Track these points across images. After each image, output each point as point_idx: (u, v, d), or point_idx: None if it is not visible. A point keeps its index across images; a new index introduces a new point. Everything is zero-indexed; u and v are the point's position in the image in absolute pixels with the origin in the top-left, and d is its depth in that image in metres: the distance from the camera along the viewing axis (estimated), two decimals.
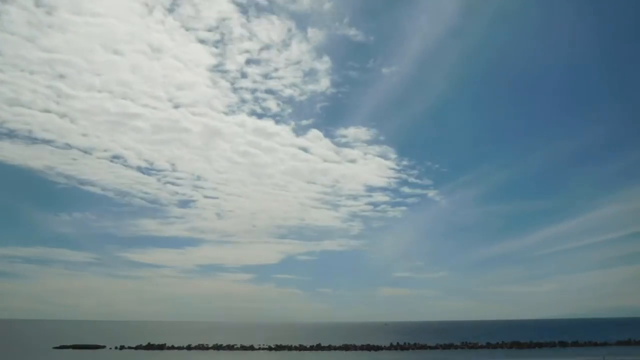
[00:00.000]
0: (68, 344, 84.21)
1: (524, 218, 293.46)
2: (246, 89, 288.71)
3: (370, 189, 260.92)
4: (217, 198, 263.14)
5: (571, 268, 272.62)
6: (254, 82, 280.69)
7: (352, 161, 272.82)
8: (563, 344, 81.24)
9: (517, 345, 79.48)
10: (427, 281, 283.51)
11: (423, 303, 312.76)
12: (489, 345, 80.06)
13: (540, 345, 79.42)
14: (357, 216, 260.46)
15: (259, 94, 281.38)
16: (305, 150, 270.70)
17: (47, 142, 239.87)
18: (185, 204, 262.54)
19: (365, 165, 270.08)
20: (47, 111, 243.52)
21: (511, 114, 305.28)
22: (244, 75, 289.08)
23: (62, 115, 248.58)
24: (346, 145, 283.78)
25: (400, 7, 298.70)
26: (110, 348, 79.65)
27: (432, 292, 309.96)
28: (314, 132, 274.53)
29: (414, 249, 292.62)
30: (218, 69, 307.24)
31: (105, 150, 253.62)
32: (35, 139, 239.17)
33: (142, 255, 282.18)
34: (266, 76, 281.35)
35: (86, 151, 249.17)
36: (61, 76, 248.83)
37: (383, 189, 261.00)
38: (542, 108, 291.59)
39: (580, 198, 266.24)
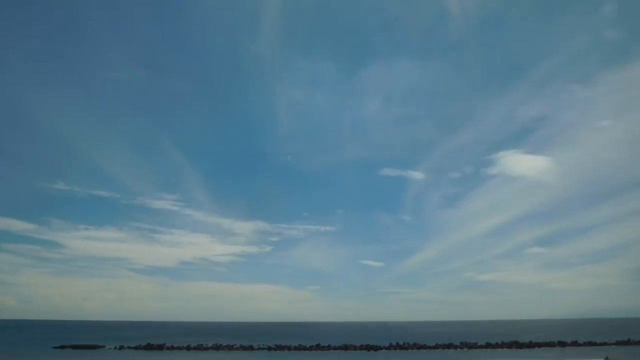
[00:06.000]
0: (68, 344, 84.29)
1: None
2: None
3: None
4: None
5: None
6: None
7: None
8: (562, 344, 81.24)
9: (516, 345, 79.49)
10: None
11: None
12: (488, 345, 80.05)
13: (539, 345, 79.47)
14: None
15: None
16: None
17: None
18: None
19: None
20: None
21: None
22: None
23: None
24: None
25: None
26: (110, 348, 79.70)
27: None
28: None
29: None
30: None
31: None
32: None
33: None
34: None
35: None
36: None
37: None
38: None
39: None
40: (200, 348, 79.30)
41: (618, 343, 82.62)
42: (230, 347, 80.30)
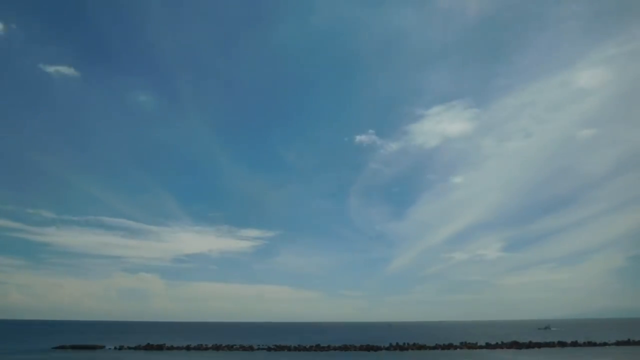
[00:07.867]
0: (67, 344, 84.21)
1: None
2: None
3: None
4: None
5: None
6: None
7: None
8: (562, 344, 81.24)
9: (516, 345, 79.49)
10: None
11: None
12: (488, 346, 79.99)
13: (539, 345, 79.44)
14: None
15: None
16: None
17: None
18: None
19: None
20: None
21: None
22: None
23: None
24: None
25: None
26: (110, 348, 79.64)
27: None
28: None
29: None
30: None
31: None
32: None
33: None
34: None
35: None
36: None
37: None
38: None
39: None
40: (200, 348, 79.20)
41: (618, 343, 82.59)
42: (230, 347, 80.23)
